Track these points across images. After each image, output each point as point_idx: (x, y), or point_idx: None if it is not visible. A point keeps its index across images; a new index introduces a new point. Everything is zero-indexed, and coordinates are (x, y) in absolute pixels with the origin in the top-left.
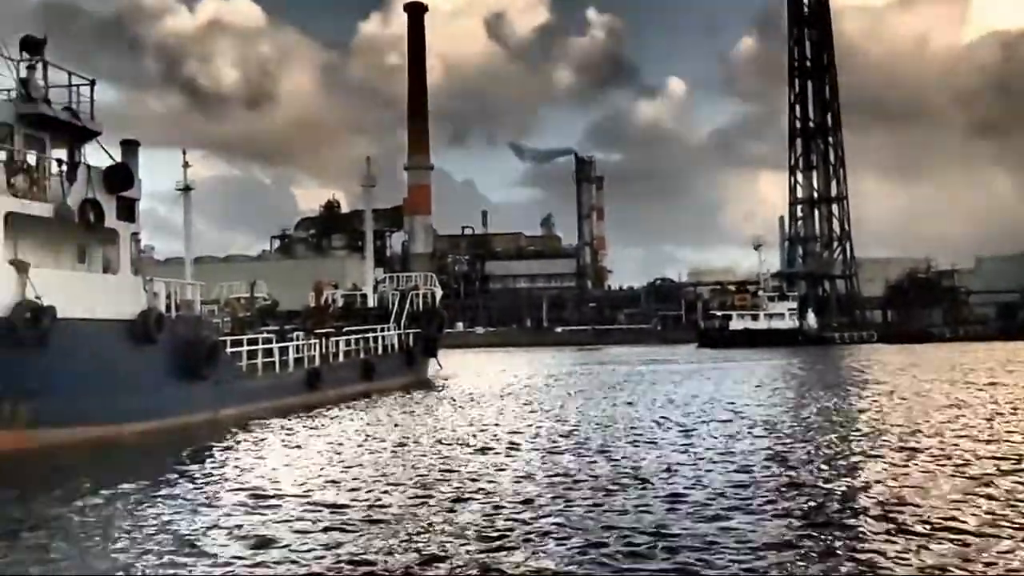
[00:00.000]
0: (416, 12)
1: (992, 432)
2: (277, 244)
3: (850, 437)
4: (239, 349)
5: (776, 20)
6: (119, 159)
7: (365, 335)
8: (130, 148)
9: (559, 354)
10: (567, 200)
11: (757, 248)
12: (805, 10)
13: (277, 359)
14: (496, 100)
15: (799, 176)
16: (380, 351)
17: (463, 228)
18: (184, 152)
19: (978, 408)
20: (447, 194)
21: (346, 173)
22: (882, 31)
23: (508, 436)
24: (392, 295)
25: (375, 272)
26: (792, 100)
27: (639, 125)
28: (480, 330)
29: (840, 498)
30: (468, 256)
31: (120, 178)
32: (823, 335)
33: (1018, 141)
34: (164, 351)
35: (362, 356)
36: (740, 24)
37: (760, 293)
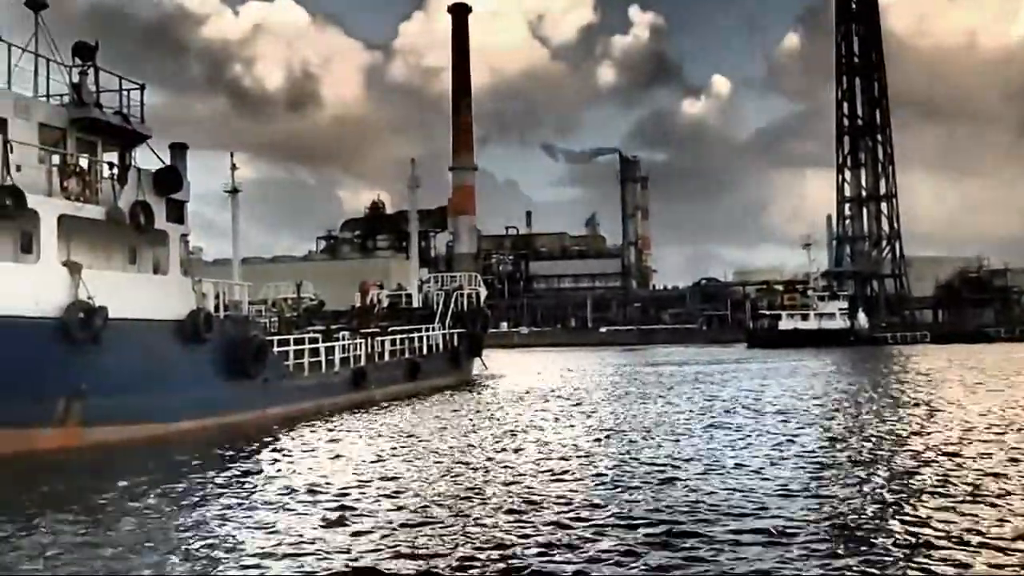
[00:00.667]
0: (460, 13)
1: None
2: (323, 245)
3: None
4: (286, 349)
5: (821, 16)
6: (168, 162)
7: (410, 335)
8: (179, 151)
9: (604, 354)
10: (611, 200)
11: (806, 247)
12: (852, 6)
13: (323, 359)
14: (539, 100)
15: (847, 174)
16: (425, 351)
17: (507, 228)
18: (232, 155)
19: None
20: (491, 194)
21: (390, 174)
22: (931, 27)
23: (557, 437)
24: (437, 295)
25: (420, 272)
26: (840, 97)
27: (683, 124)
28: (524, 330)
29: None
30: (512, 256)
31: (169, 181)
32: (875, 335)
33: None
34: (213, 350)
35: (407, 356)
36: (784, 21)
37: (810, 293)
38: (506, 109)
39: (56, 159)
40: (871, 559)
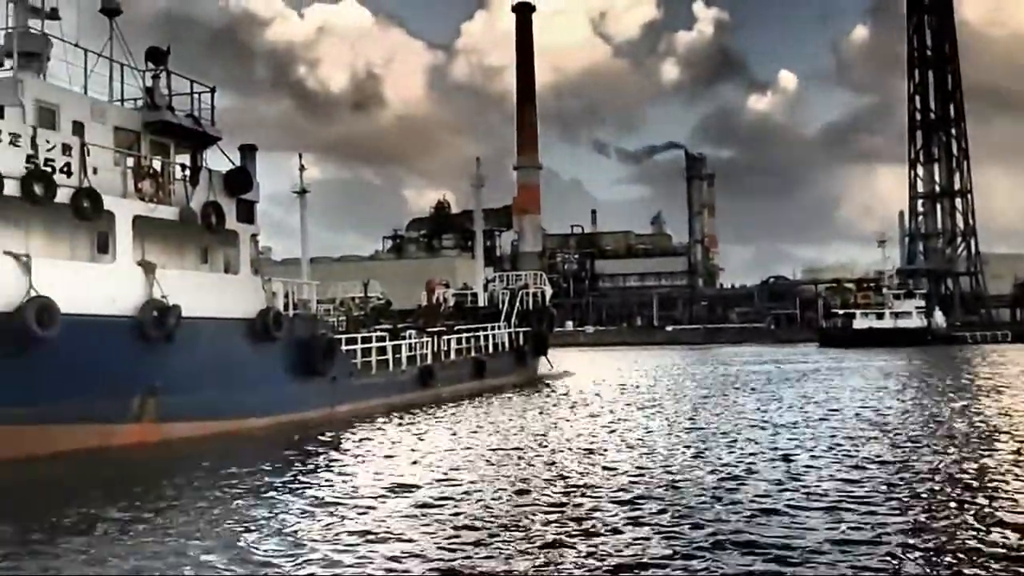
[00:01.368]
0: (524, 12)
1: None
2: (389, 244)
3: None
4: (354, 347)
5: (891, 8)
6: (238, 163)
7: (476, 333)
8: (248, 152)
9: (671, 353)
10: (677, 197)
11: (881, 244)
12: None
13: (390, 357)
14: (601, 98)
15: (920, 169)
16: (491, 349)
17: (572, 227)
18: (300, 156)
19: None
20: (555, 193)
21: (454, 173)
22: (1005, 17)
23: (630, 438)
24: (502, 294)
25: (485, 271)
26: (911, 91)
27: (749, 120)
28: (590, 329)
29: None
30: (577, 255)
31: (240, 181)
32: (953, 334)
33: None
34: (282, 349)
35: (473, 354)
36: (852, 13)
37: (885, 291)
38: (569, 107)
39: (131, 161)
40: None
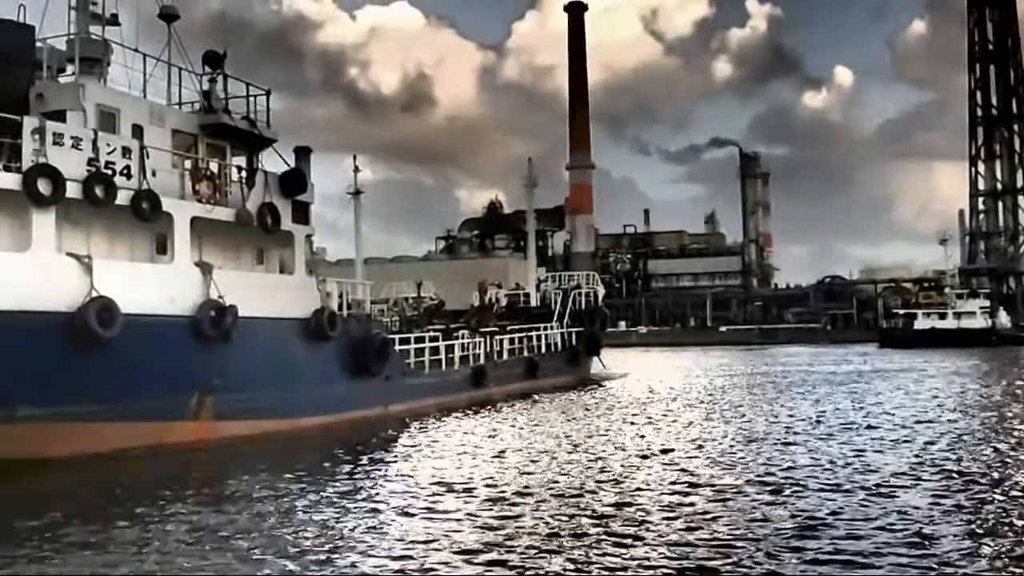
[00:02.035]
0: (576, 11)
1: None
2: (442, 245)
3: None
4: (407, 347)
5: (949, 2)
6: (293, 165)
7: (529, 334)
8: (303, 154)
9: (726, 354)
10: (731, 197)
11: (943, 243)
12: None
13: (443, 357)
14: (653, 96)
15: (980, 167)
16: (543, 349)
17: (624, 227)
18: (355, 157)
19: None
20: (607, 192)
21: (507, 173)
22: None
23: (685, 440)
24: (555, 294)
25: (538, 271)
26: (972, 86)
27: (804, 117)
28: (643, 329)
29: None
30: (630, 255)
31: (295, 183)
32: (1019, 335)
33: None
34: (337, 348)
35: (526, 354)
36: (909, 7)
37: (947, 291)
38: (620, 106)
39: (188, 164)
40: None
